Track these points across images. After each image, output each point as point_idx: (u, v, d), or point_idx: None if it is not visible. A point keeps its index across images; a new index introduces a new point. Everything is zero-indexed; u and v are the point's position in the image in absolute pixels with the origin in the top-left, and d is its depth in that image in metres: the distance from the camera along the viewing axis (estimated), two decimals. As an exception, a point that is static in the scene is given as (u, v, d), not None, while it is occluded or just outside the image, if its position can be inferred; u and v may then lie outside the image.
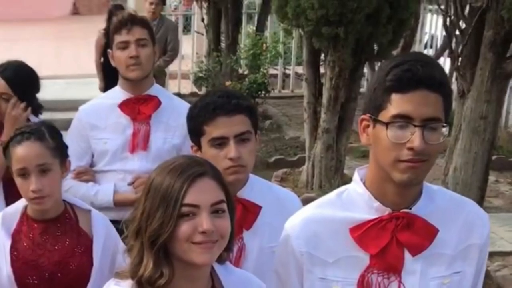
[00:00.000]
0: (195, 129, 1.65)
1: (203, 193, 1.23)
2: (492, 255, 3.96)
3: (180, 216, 1.21)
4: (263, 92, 6.61)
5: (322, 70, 5.00)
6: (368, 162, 1.32)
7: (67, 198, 1.83)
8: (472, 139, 3.60)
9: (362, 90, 5.24)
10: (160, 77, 5.29)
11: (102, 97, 2.56)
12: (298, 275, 1.34)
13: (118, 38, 2.20)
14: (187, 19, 8.78)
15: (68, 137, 2.17)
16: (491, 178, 4.66)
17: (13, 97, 2.26)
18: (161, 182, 1.23)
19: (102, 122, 2.27)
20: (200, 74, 7.29)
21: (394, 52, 4.90)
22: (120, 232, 1.56)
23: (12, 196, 1.98)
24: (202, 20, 7.48)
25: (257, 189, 1.69)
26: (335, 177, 4.77)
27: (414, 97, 1.20)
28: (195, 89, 7.66)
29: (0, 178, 2.22)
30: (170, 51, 5.64)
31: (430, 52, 7.48)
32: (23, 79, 2.33)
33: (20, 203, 1.79)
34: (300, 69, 7.32)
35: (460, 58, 3.66)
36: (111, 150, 2.26)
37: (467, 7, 3.61)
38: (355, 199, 1.32)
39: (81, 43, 8.87)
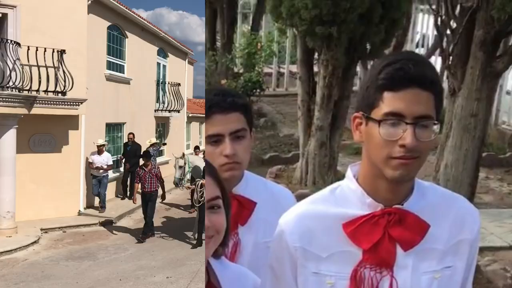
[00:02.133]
0: (191, 127, 1.67)
1: None
2: (482, 250, 3.99)
3: None
4: (258, 90, 6.64)
5: (315, 68, 5.03)
6: (361, 159, 1.34)
7: None
8: (462, 137, 3.64)
9: (355, 88, 5.29)
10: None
11: None
12: (292, 269, 1.35)
13: None
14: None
15: None
16: (481, 174, 4.71)
17: None
18: None
19: None
20: (195, 73, 7.29)
21: (386, 51, 4.94)
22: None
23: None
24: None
25: (252, 185, 1.71)
26: (329, 173, 4.81)
27: (406, 95, 1.22)
28: (190, 87, 7.66)
29: None
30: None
31: (421, 51, 7.52)
32: None
33: None
34: (294, 68, 7.36)
35: (451, 57, 3.70)
36: None
37: (458, 7, 3.65)
38: (348, 195, 1.34)
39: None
